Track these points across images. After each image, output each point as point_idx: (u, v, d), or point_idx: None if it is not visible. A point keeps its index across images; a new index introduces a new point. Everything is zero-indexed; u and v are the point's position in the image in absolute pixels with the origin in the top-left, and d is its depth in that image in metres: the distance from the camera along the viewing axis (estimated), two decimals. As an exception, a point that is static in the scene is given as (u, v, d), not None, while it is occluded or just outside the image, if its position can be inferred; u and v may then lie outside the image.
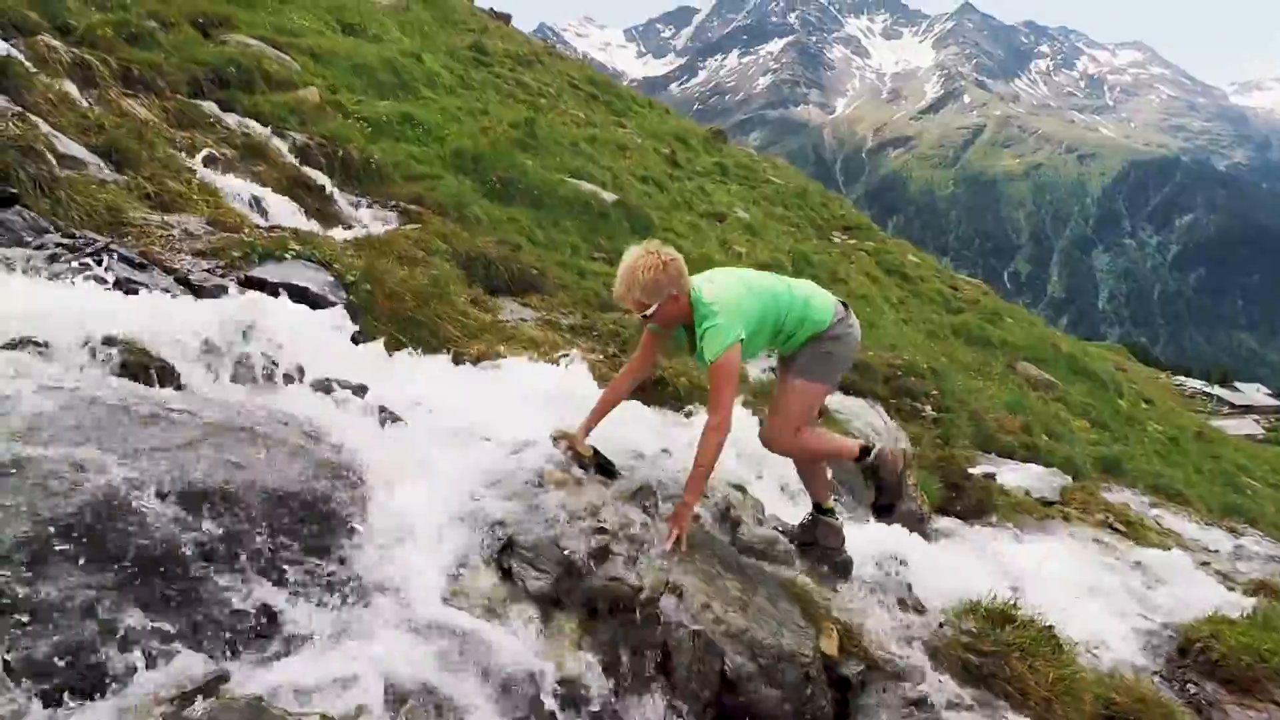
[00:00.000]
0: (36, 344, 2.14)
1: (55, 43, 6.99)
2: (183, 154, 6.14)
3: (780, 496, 4.42)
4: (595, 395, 4.13)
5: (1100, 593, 4.88)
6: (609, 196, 12.47)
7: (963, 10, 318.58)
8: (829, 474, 3.55)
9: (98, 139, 5.07)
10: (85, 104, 5.94)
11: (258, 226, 4.93)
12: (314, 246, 4.35)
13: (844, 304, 3.05)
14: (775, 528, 3.32)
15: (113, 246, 3.40)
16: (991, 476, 7.13)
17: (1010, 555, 5.24)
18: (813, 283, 3.12)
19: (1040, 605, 3.63)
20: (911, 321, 16.55)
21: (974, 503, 6.32)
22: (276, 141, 8.03)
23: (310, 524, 1.89)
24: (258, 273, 3.98)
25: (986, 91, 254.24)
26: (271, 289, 3.71)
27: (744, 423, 4.89)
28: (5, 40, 6.12)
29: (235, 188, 6.30)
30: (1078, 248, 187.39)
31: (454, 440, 2.84)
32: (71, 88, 6.18)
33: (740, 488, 3.58)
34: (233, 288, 3.45)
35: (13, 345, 2.09)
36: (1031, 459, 9.11)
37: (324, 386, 2.69)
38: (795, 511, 4.27)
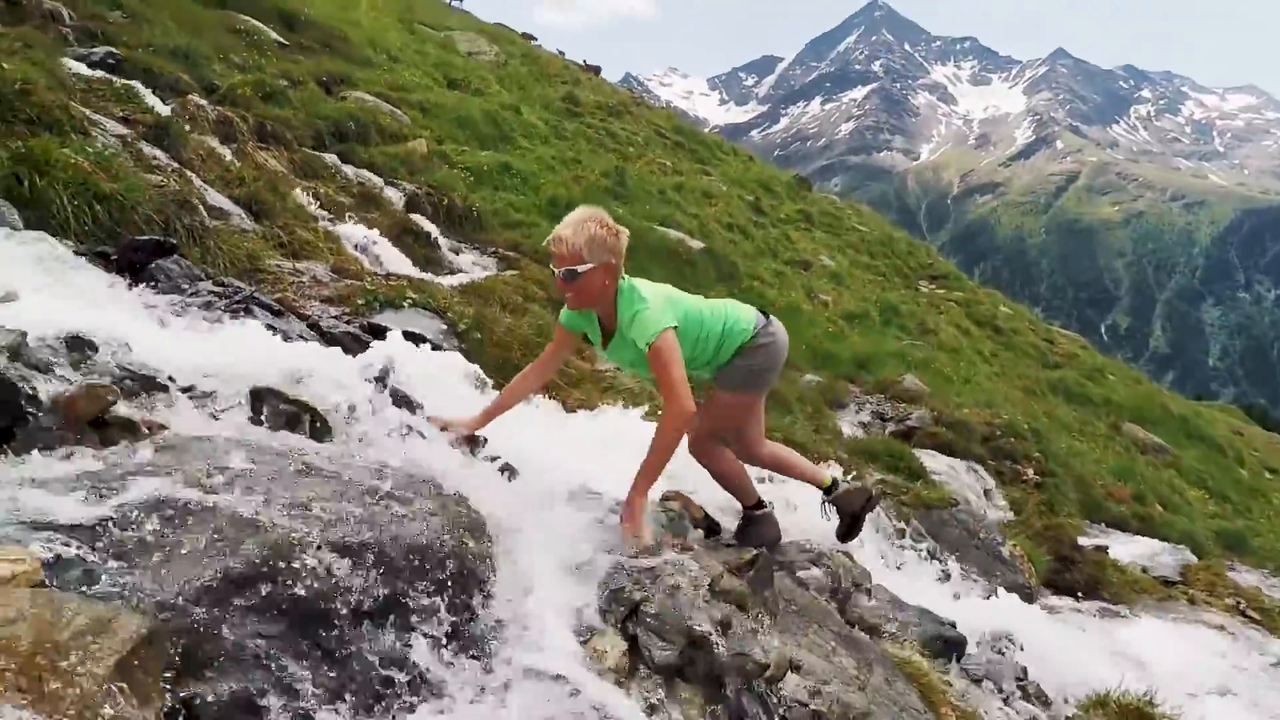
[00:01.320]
0: (204, 392, 2.32)
1: (202, 101, 7.69)
2: (308, 203, 6.60)
3: (882, 565, 4.26)
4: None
5: (1237, 688, 4.46)
6: (696, 244, 12.61)
7: (1055, 55, 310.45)
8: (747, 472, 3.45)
9: (239, 191, 5.52)
10: (227, 157, 6.49)
11: (376, 274, 5.22)
12: (429, 295, 4.56)
13: (764, 312, 3.04)
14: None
15: (256, 295, 3.66)
16: (1103, 549, 6.67)
17: (1130, 640, 4.87)
18: (730, 300, 3.10)
19: (1173, 701, 3.35)
20: (1005, 376, 15.84)
21: (1085, 578, 5.91)
22: (388, 191, 8.53)
23: (447, 579, 1.94)
24: (379, 320, 4.20)
25: (1081, 137, 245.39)
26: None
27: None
28: (164, 101, 6.78)
29: (352, 234, 6.71)
30: (1183, 300, 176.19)
31: (567, 493, 2.88)
32: (215, 143, 6.77)
33: (848, 554, 3.48)
34: (364, 340, 3.63)
35: (186, 392, 2.26)
36: (1145, 531, 8.48)
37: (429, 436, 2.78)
38: (899, 580, 4.11)
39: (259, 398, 2.33)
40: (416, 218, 8.21)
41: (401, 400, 2.81)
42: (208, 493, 1.76)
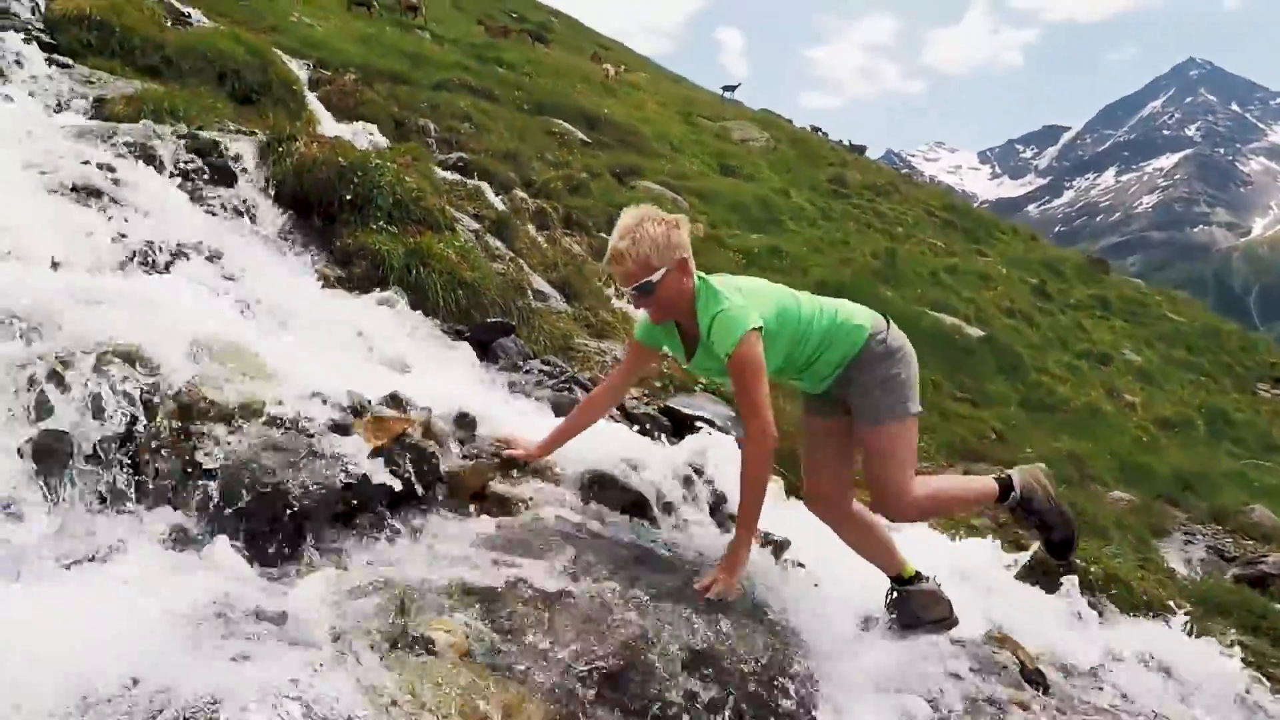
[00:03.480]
0: (553, 472, 2.57)
1: (523, 194, 8.93)
2: (604, 285, 7.27)
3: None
4: (1003, 582, 3.69)
5: None
6: (975, 332, 11.69)
7: None
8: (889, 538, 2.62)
9: (553, 275, 6.25)
10: (543, 244, 7.41)
11: (667, 356, 5.53)
12: (720, 383, 4.70)
13: (886, 317, 2.42)
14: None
15: (575, 375, 4.05)
16: None
17: None
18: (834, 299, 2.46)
19: None
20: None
21: None
22: (669, 272, 9.12)
23: (776, 700, 1.89)
24: (673, 403, 4.41)
25: None
26: (688, 421, 4.06)
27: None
28: (496, 196, 7.99)
29: (639, 314, 7.22)
30: None
31: (874, 616, 2.70)
32: (533, 230, 7.78)
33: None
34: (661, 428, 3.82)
35: (539, 472, 2.53)
36: None
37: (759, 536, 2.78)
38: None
39: (598, 483, 2.52)
40: (693, 299, 8.64)
41: (712, 491, 2.88)
42: (571, 579, 1.91)
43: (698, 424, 4.07)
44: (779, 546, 2.80)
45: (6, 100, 4.64)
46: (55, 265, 2.81)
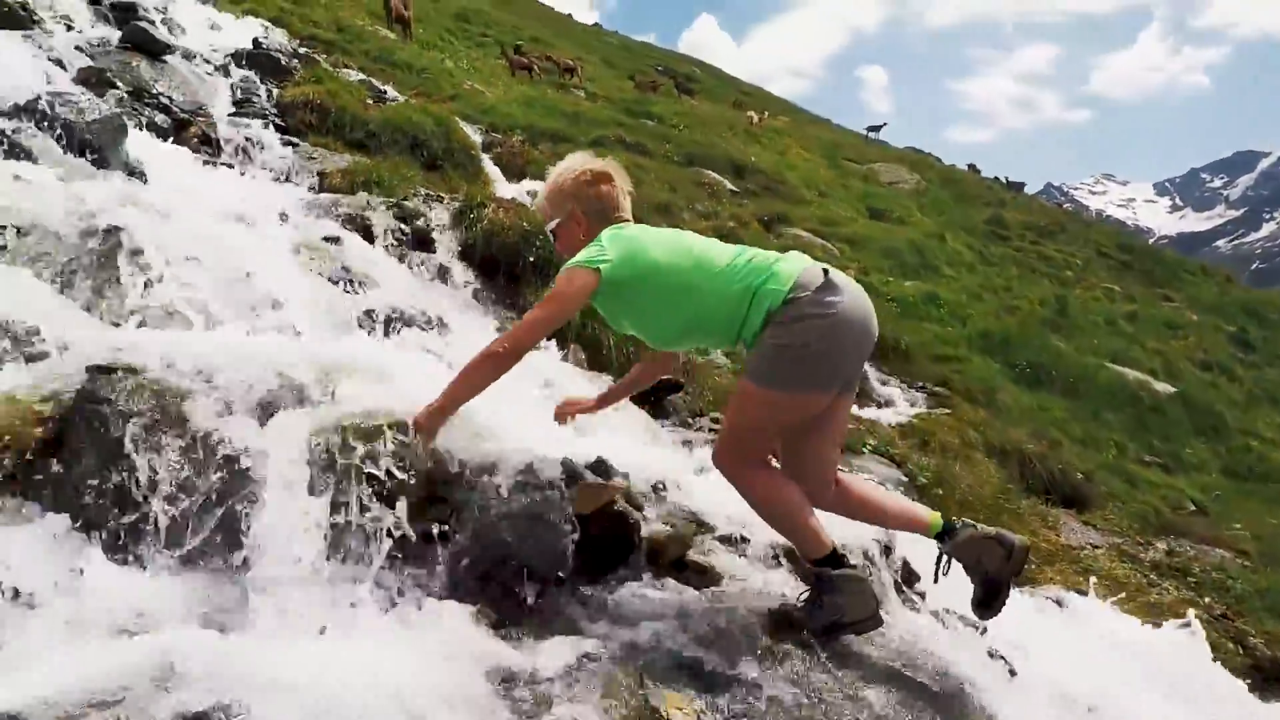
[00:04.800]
0: (741, 540, 2.59)
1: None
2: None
3: None
4: (1236, 694, 3.31)
5: None
6: (1163, 387, 10.56)
7: None
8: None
9: (711, 328, 6.35)
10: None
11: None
12: (888, 444, 4.56)
13: (826, 270, 2.02)
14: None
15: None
16: None
17: None
18: (784, 253, 2.13)
19: None
20: None
21: None
22: (821, 322, 8.99)
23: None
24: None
25: None
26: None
27: None
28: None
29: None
30: None
31: (1073, 697, 2.50)
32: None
33: None
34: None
35: (727, 540, 2.57)
36: None
37: (943, 617, 2.66)
38: None
39: (789, 555, 2.52)
40: (847, 349, 8.45)
41: (905, 570, 2.79)
42: (778, 660, 1.92)
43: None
44: (974, 626, 2.66)
45: (253, 179, 5.43)
46: (298, 332, 3.24)
